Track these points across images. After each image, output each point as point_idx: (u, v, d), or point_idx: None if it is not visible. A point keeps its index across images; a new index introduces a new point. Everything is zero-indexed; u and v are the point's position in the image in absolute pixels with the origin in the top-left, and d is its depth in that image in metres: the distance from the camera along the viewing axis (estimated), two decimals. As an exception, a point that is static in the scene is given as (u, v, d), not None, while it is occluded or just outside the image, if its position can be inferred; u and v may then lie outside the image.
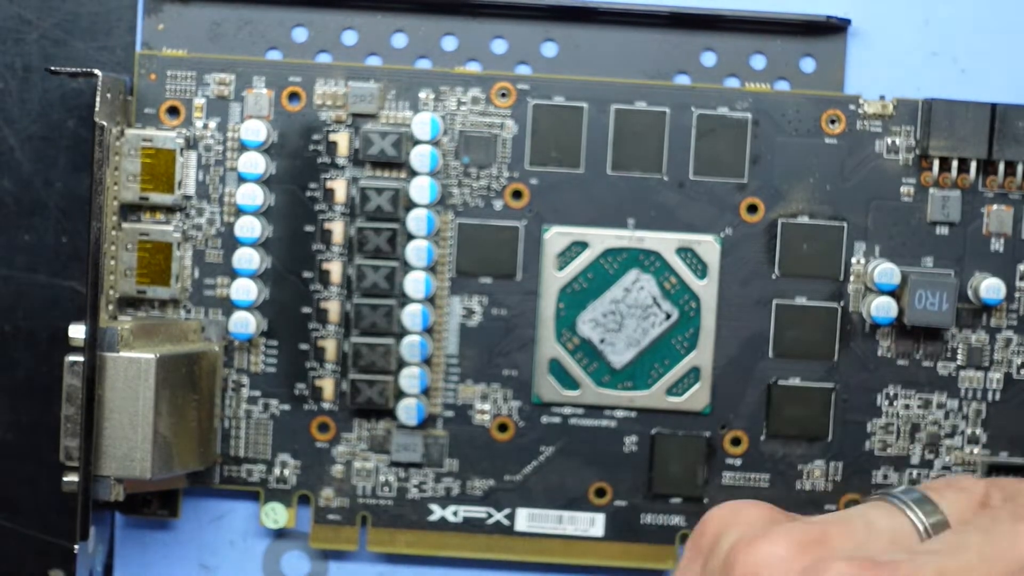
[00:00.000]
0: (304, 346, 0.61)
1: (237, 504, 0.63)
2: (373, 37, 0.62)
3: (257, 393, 0.62)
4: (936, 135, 0.60)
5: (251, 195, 0.60)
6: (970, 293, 0.61)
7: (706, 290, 0.61)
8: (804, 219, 0.61)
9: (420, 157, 0.60)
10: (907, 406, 0.61)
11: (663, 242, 0.61)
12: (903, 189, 0.61)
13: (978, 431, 0.61)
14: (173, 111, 0.61)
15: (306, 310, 0.61)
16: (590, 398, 0.61)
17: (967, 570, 0.45)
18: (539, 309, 0.61)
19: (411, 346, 0.60)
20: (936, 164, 0.60)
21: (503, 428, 0.62)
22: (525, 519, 0.62)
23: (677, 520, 0.62)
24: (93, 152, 0.56)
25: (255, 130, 0.60)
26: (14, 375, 0.62)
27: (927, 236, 0.61)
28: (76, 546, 0.56)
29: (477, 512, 0.62)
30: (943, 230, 0.61)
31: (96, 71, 0.57)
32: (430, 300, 0.61)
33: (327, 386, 0.61)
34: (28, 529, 0.62)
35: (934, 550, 0.45)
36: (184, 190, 0.61)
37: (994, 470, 0.61)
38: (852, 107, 0.61)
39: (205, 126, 0.61)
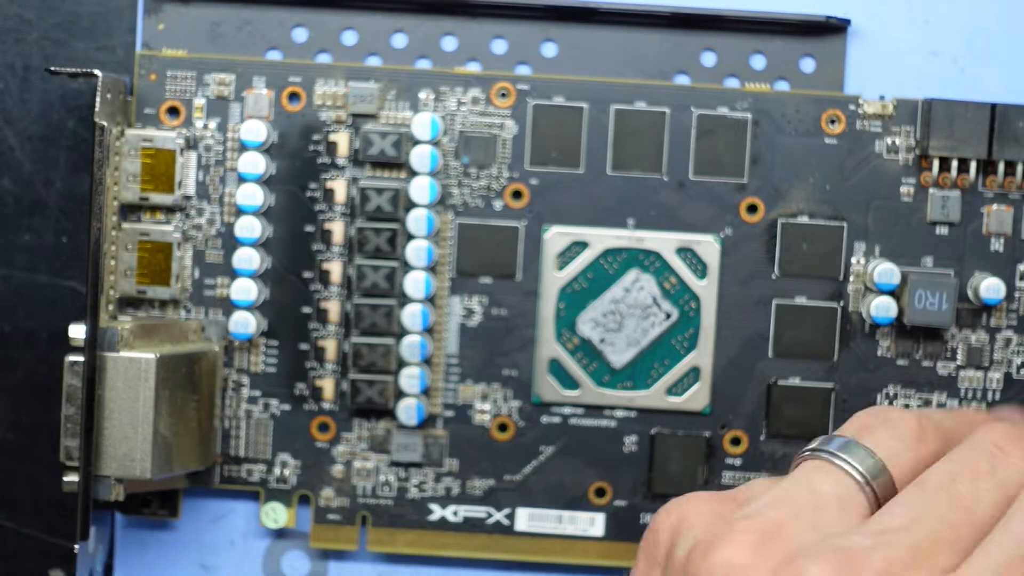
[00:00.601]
0: (304, 346, 0.61)
1: (237, 504, 0.63)
2: (373, 37, 0.62)
3: (257, 393, 0.62)
4: (936, 135, 0.60)
5: (251, 195, 0.60)
6: (970, 293, 0.61)
7: (706, 290, 0.61)
8: (804, 219, 0.61)
9: (420, 157, 0.60)
10: (907, 406, 0.61)
11: (663, 242, 0.61)
12: (903, 189, 0.61)
13: (978, 431, 0.61)
14: (173, 111, 0.61)
15: (306, 310, 0.61)
16: (590, 398, 0.61)
17: (937, 540, 0.43)
18: (539, 309, 0.61)
19: (411, 346, 0.60)
20: (936, 164, 0.60)
21: (503, 428, 0.62)
22: (525, 519, 0.62)
23: (677, 520, 0.62)
24: (93, 152, 0.56)
25: (255, 130, 0.60)
26: (14, 375, 0.62)
27: (927, 236, 0.61)
28: (76, 546, 0.56)
29: (477, 512, 0.62)
30: (943, 230, 0.61)
31: (96, 71, 0.57)
32: (430, 300, 0.61)
33: (327, 386, 0.61)
34: (28, 529, 0.62)
35: (897, 526, 0.44)
36: (184, 190, 0.61)
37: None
38: (852, 107, 0.61)
39: (205, 126, 0.61)
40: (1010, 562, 0.43)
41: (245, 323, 0.60)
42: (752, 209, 0.61)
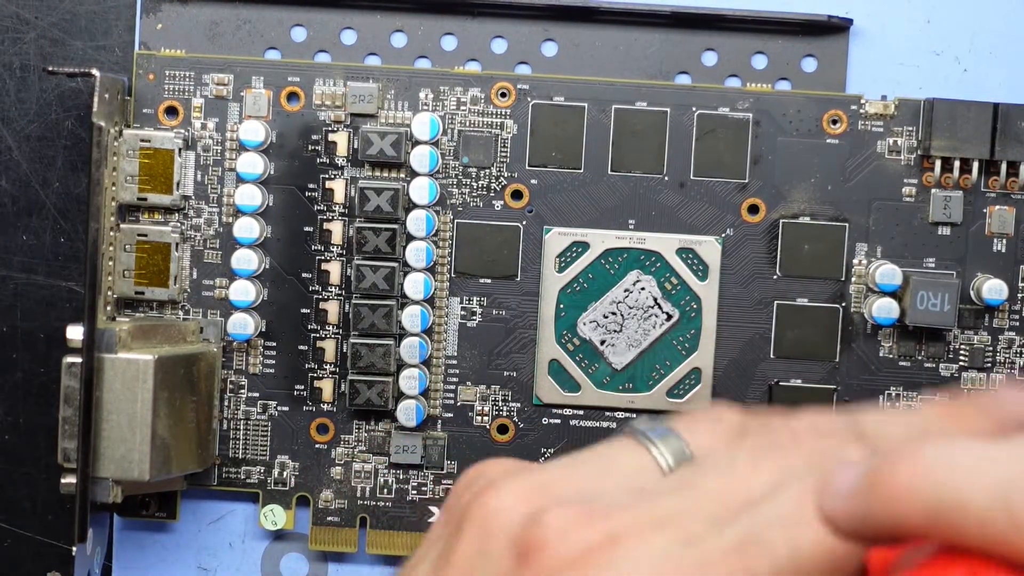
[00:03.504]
0: (303, 347, 0.61)
1: (236, 506, 0.63)
2: (372, 37, 0.61)
3: (256, 394, 0.61)
4: (938, 135, 0.59)
5: (250, 195, 0.60)
6: (972, 294, 0.61)
7: (707, 291, 0.61)
8: (805, 219, 0.61)
9: (419, 157, 0.60)
10: (909, 407, 0.61)
11: (664, 242, 0.61)
12: (905, 189, 0.61)
13: (980, 432, 0.61)
14: (171, 111, 0.61)
15: (305, 311, 0.61)
16: (590, 399, 0.61)
17: (691, 512, 0.42)
18: (539, 310, 0.61)
19: (410, 347, 0.60)
20: (938, 164, 0.60)
21: (503, 430, 0.61)
22: (525, 521, 0.61)
23: (678, 522, 0.61)
24: (91, 152, 0.56)
25: (254, 130, 0.60)
26: (12, 376, 0.62)
27: (929, 237, 0.61)
28: (74, 548, 0.56)
29: (477, 514, 0.62)
30: (945, 230, 0.61)
31: (94, 71, 0.57)
32: (429, 301, 0.61)
33: (326, 387, 0.61)
34: (26, 531, 0.62)
35: (663, 491, 0.43)
36: (182, 190, 0.60)
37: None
38: (854, 107, 0.60)
39: (203, 126, 0.61)
40: (740, 544, 0.42)
41: (244, 324, 0.60)
42: (753, 209, 0.61)
